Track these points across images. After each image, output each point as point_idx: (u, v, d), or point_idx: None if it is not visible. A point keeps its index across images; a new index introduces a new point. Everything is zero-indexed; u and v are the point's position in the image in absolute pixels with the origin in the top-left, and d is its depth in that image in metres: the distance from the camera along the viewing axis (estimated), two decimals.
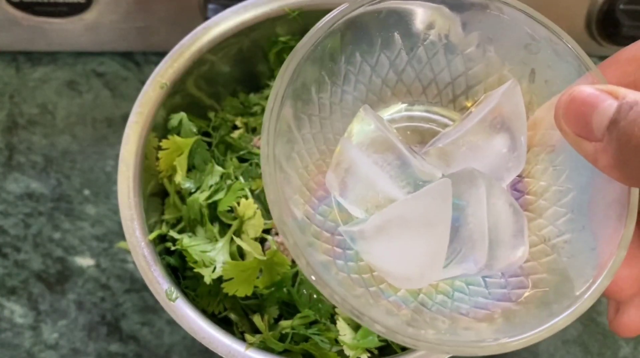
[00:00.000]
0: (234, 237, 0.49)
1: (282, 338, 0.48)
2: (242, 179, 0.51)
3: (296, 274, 0.48)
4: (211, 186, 0.51)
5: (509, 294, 0.36)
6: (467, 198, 0.35)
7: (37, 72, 0.69)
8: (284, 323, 0.49)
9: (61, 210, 0.64)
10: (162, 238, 0.52)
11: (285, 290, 0.48)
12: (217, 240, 0.49)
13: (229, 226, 0.50)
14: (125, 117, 0.51)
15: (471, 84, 0.40)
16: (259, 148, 0.54)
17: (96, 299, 0.61)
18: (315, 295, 0.48)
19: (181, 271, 0.51)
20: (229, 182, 0.51)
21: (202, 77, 0.55)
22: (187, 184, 0.51)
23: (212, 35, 0.52)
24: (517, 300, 0.36)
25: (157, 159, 0.51)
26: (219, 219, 0.50)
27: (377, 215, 0.36)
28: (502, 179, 0.38)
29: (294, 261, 0.49)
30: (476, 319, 0.36)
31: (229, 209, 0.50)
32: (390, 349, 0.49)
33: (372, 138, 0.36)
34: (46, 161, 0.66)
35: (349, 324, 0.49)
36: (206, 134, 0.56)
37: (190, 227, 0.51)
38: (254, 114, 0.57)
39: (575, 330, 0.62)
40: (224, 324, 0.50)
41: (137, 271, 0.61)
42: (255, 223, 0.49)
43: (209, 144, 0.55)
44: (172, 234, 0.50)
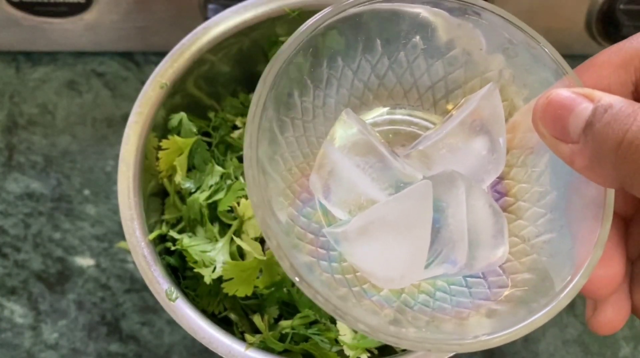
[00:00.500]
0: (234, 237, 0.49)
1: (282, 338, 0.48)
2: (242, 179, 0.51)
3: None
4: (211, 186, 0.51)
5: (490, 293, 0.37)
6: (447, 199, 0.36)
7: (37, 72, 0.69)
8: (284, 323, 0.49)
9: (61, 210, 0.64)
10: (162, 238, 0.52)
11: (285, 290, 0.48)
12: (217, 240, 0.49)
13: (229, 226, 0.50)
14: (125, 117, 0.51)
15: (451, 88, 0.41)
16: None
17: (96, 299, 0.61)
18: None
19: (181, 271, 0.51)
20: (229, 182, 0.51)
21: (202, 77, 0.55)
22: (187, 184, 0.51)
23: (212, 35, 0.52)
24: (497, 299, 0.37)
25: (157, 159, 0.51)
26: (219, 219, 0.50)
27: (359, 217, 0.36)
28: (482, 180, 0.39)
29: None
30: (458, 317, 0.36)
31: (229, 209, 0.50)
32: (390, 349, 0.49)
33: (354, 141, 0.37)
34: (46, 161, 0.66)
35: None
36: (206, 134, 0.56)
37: (190, 227, 0.51)
38: None
39: (575, 330, 0.62)
40: (224, 324, 0.50)
41: (137, 271, 0.61)
42: (255, 223, 0.49)
43: (209, 144, 0.55)
44: (172, 234, 0.50)
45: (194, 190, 0.51)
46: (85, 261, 0.63)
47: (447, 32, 0.39)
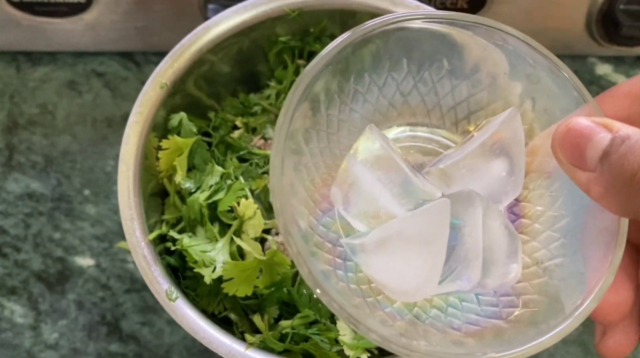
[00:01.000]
0: (234, 237, 0.49)
1: (282, 338, 0.48)
2: (242, 179, 0.52)
3: (296, 274, 0.48)
4: (211, 186, 0.51)
5: (500, 312, 0.38)
6: (464, 218, 0.37)
7: (37, 72, 0.69)
8: (284, 323, 0.49)
9: (61, 210, 0.64)
10: (162, 238, 0.52)
11: (285, 290, 0.48)
12: (217, 240, 0.49)
13: (229, 226, 0.50)
14: (125, 117, 0.51)
15: (473, 110, 0.42)
16: (259, 148, 0.55)
17: (96, 299, 0.61)
18: (315, 295, 0.48)
19: (181, 271, 0.51)
20: (229, 182, 0.51)
21: (202, 77, 0.55)
22: (187, 184, 0.51)
23: (212, 35, 0.52)
24: (507, 318, 0.37)
25: (157, 159, 0.52)
26: (219, 219, 0.50)
27: (378, 230, 0.37)
28: (500, 202, 0.39)
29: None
30: (467, 334, 0.37)
31: (229, 209, 0.50)
32: None
33: (377, 155, 0.38)
34: (46, 161, 0.66)
35: None
36: (206, 134, 0.56)
37: (190, 227, 0.51)
38: (254, 114, 0.57)
39: (575, 330, 0.62)
40: (224, 324, 0.50)
41: (137, 271, 0.61)
42: (255, 223, 0.49)
43: (209, 144, 0.55)
44: (172, 234, 0.51)
45: (194, 190, 0.51)
46: (85, 261, 0.63)
47: (473, 54, 0.40)
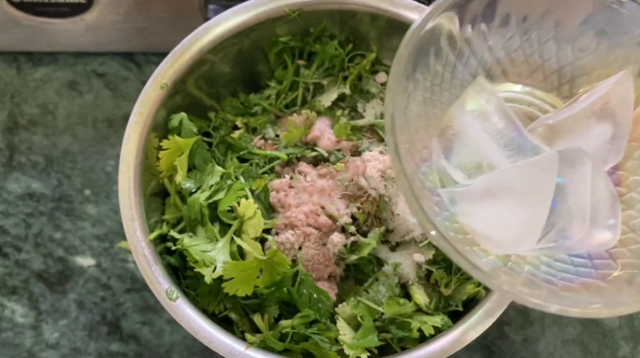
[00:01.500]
0: (234, 237, 0.49)
1: (282, 337, 0.48)
2: (242, 179, 0.52)
3: (296, 274, 0.48)
4: (211, 186, 0.51)
5: (596, 273, 0.38)
6: (570, 175, 0.37)
7: (38, 72, 0.69)
8: (284, 322, 0.49)
9: (62, 210, 0.64)
10: (163, 237, 0.52)
11: (285, 289, 0.49)
12: (217, 240, 0.49)
13: (230, 226, 0.50)
14: (125, 118, 0.51)
15: (577, 75, 0.41)
16: (260, 148, 0.55)
17: (97, 299, 0.62)
18: (315, 295, 0.49)
19: (181, 271, 0.51)
20: (229, 182, 0.51)
21: (203, 77, 0.55)
22: (188, 184, 0.51)
23: (213, 35, 0.53)
24: (606, 279, 0.38)
25: (158, 159, 0.52)
26: (220, 219, 0.50)
27: (485, 178, 0.37)
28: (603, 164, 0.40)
29: (294, 261, 0.50)
30: (564, 289, 0.37)
31: (229, 209, 0.50)
32: (390, 349, 0.49)
33: (486, 106, 0.38)
34: (47, 161, 0.66)
35: (349, 324, 0.49)
36: (206, 134, 0.56)
37: (190, 227, 0.51)
38: (255, 115, 0.57)
39: (574, 329, 0.62)
40: (225, 324, 0.50)
41: (137, 271, 0.61)
42: (255, 223, 0.49)
43: (210, 145, 0.55)
44: (173, 234, 0.51)
45: (194, 190, 0.51)
46: (85, 261, 0.63)
47: (585, 19, 0.39)
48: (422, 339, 0.49)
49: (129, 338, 0.61)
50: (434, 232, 0.34)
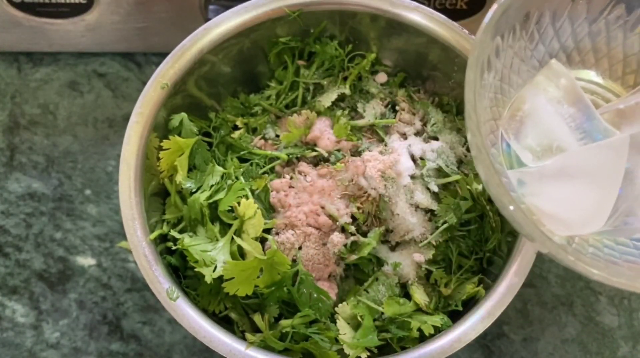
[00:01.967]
0: (235, 237, 0.49)
1: (283, 337, 0.49)
2: (242, 179, 0.52)
3: (296, 273, 0.49)
4: (212, 186, 0.51)
5: None
6: (637, 159, 0.37)
7: (39, 72, 0.69)
8: (284, 322, 0.49)
9: (62, 210, 0.64)
10: (163, 237, 0.52)
11: (285, 289, 0.49)
12: (217, 240, 0.49)
13: (230, 226, 0.50)
14: (126, 118, 0.52)
15: None
16: (260, 148, 0.55)
17: (97, 298, 0.62)
18: (315, 294, 0.49)
19: (182, 271, 0.51)
20: (229, 182, 0.51)
21: (203, 77, 0.55)
22: (188, 184, 0.51)
23: (213, 36, 0.53)
24: None
25: (158, 159, 0.52)
26: (220, 219, 0.51)
27: (558, 159, 0.38)
28: None
29: (294, 261, 0.50)
30: (631, 270, 0.37)
31: (230, 209, 0.50)
32: (389, 348, 0.49)
33: (560, 88, 0.39)
34: (47, 161, 0.66)
35: (348, 323, 0.49)
36: (207, 134, 0.56)
37: (191, 227, 0.51)
38: (255, 115, 0.57)
39: (574, 329, 0.62)
40: (225, 323, 0.50)
41: (138, 271, 0.61)
42: (255, 222, 0.49)
43: (210, 145, 0.55)
44: (173, 233, 0.51)
45: (194, 190, 0.51)
46: (86, 261, 0.63)
47: None
48: (422, 339, 0.49)
49: (130, 337, 0.61)
50: (512, 207, 0.34)
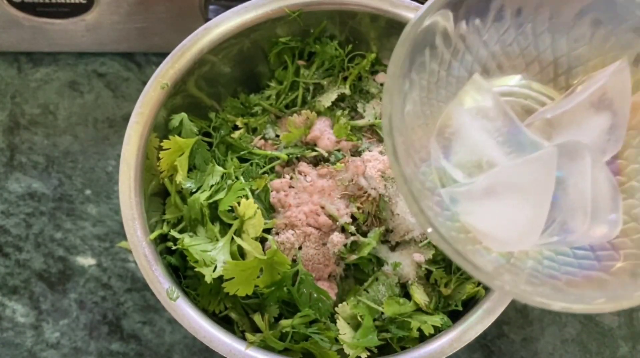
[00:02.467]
0: (235, 237, 0.49)
1: (283, 337, 0.49)
2: (242, 179, 0.52)
3: (296, 273, 0.49)
4: (212, 186, 0.51)
5: (599, 265, 0.38)
6: (570, 169, 0.37)
7: (39, 72, 0.69)
8: (284, 322, 0.49)
9: (62, 210, 0.64)
10: (163, 237, 0.52)
11: (285, 289, 0.49)
12: (217, 240, 0.49)
13: (230, 226, 0.50)
14: (126, 118, 0.52)
15: (573, 65, 0.41)
16: (260, 148, 0.55)
17: (97, 298, 0.62)
18: (315, 294, 0.49)
19: (182, 271, 0.51)
20: (229, 182, 0.51)
21: (203, 77, 0.55)
22: (188, 184, 0.51)
23: (213, 36, 0.53)
24: (609, 271, 0.38)
25: (158, 159, 0.52)
26: (220, 219, 0.51)
27: (486, 176, 0.37)
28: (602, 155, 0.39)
29: (294, 261, 0.50)
30: (567, 283, 0.37)
31: (230, 209, 0.50)
32: (389, 348, 0.49)
33: (483, 104, 0.38)
34: (48, 161, 0.66)
35: (348, 323, 0.49)
36: (207, 134, 0.56)
37: (191, 227, 0.51)
38: (255, 115, 0.57)
39: (574, 329, 0.62)
40: (225, 323, 0.50)
41: (138, 271, 0.61)
42: (255, 222, 0.49)
43: (210, 145, 0.55)
44: (173, 233, 0.51)
45: (194, 190, 0.52)
46: (86, 261, 0.63)
47: (579, 8, 0.39)
48: (422, 339, 0.49)
49: (130, 337, 0.61)
50: (434, 233, 0.34)
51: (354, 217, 0.51)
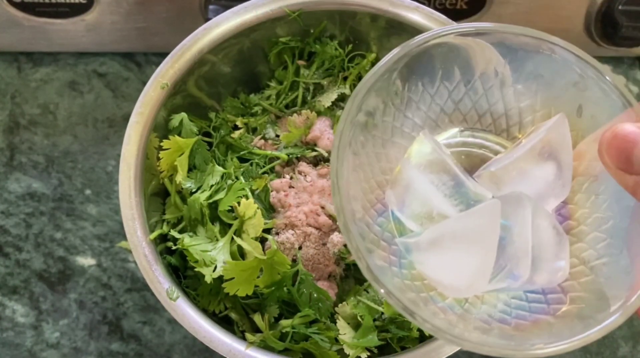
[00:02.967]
0: (235, 237, 0.49)
1: (283, 337, 0.49)
2: (242, 179, 0.52)
3: (296, 273, 0.49)
4: (212, 186, 0.51)
5: (548, 308, 0.39)
6: (514, 218, 0.38)
7: (39, 72, 0.69)
8: (284, 322, 0.49)
9: (62, 210, 0.64)
10: (163, 237, 0.52)
11: (285, 289, 0.49)
12: (217, 240, 0.49)
13: (230, 226, 0.50)
14: (126, 118, 0.52)
15: (523, 116, 0.43)
16: (260, 148, 0.55)
17: (97, 298, 0.62)
18: (315, 294, 0.49)
19: (182, 271, 0.51)
20: (229, 182, 0.51)
21: (203, 77, 0.55)
22: (188, 184, 0.51)
23: (213, 36, 0.53)
24: (555, 314, 0.39)
25: (158, 159, 0.52)
26: (220, 219, 0.51)
27: (431, 229, 0.39)
28: (548, 204, 0.41)
29: (294, 261, 0.50)
30: (517, 328, 0.39)
31: (230, 209, 0.50)
32: (389, 348, 0.49)
33: (430, 159, 0.40)
34: (47, 161, 0.66)
35: (348, 323, 0.49)
36: (207, 134, 0.56)
37: (191, 227, 0.51)
38: (255, 115, 0.57)
39: None
40: (225, 323, 0.50)
41: (138, 271, 0.61)
42: (255, 222, 0.49)
43: (210, 145, 0.55)
44: (173, 233, 0.51)
45: (194, 190, 0.52)
46: (86, 261, 0.63)
47: (521, 65, 0.41)
48: (422, 339, 0.49)
49: (130, 337, 0.61)
50: (382, 290, 0.36)
51: None
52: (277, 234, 0.51)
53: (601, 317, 0.36)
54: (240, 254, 0.49)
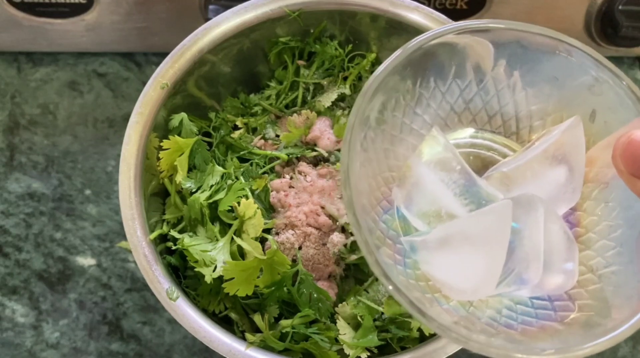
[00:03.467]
0: (235, 237, 0.49)
1: (283, 337, 0.49)
2: (242, 179, 0.52)
3: (296, 273, 0.49)
4: (212, 186, 0.51)
5: (555, 315, 0.39)
6: (525, 220, 0.37)
7: (39, 72, 0.69)
8: (284, 322, 0.49)
9: (62, 210, 0.64)
10: (163, 237, 0.52)
11: (285, 289, 0.49)
12: (217, 240, 0.49)
13: (230, 226, 0.50)
14: (126, 118, 0.52)
15: (533, 120, 0.43)
16: (260, 148, 0.55)
17: (97, 298, 0.62)
18: (315, 294, 0.49)
19: (182, 271, 0.51)
20: (229, 182, 0.51)
21: (203, 77, 0.55)
22: (188, 184, 0.51)
23: (213, 36, 0.53)
24: (563, 321, 0.38)
25: (158, 159, 0.52)
26: (220, 219, 0.51)
27: (441, 228, 0.38)
28: (559, 209, 0.40)
29: (294, 261, 0.50)
30: (523, 334, 0.38)
31: (230, 209, 0.50)
32: (389, 348, 0.49)
33: (440, 157, 0.39)
34: (47, 161, 0.66)
35: (348, 323, 0.49)
36: (207, 134, 0.56)
37: (191, 227, 0.51)
38: (255, 115, 0.57)
39: None
40: (225, 323, 0.50)
41: (138, 271, 0.61)
42: (255, 222, 0.49)
43: (210, 144, 0.55)
44: (173, 233, 0.51)
45: (194, 190, 0.52)
46: (86, 261, 0.63)
47: (536, 67, 0.40)
48: (422, 339, 0.49)
49: (130, 337, 0.61)
50: (390, 286, 0.35)
51: None
52: (277, 234, 0.51)
53: (611, 325, 0.36)
54: (240, 254, 0.49)
